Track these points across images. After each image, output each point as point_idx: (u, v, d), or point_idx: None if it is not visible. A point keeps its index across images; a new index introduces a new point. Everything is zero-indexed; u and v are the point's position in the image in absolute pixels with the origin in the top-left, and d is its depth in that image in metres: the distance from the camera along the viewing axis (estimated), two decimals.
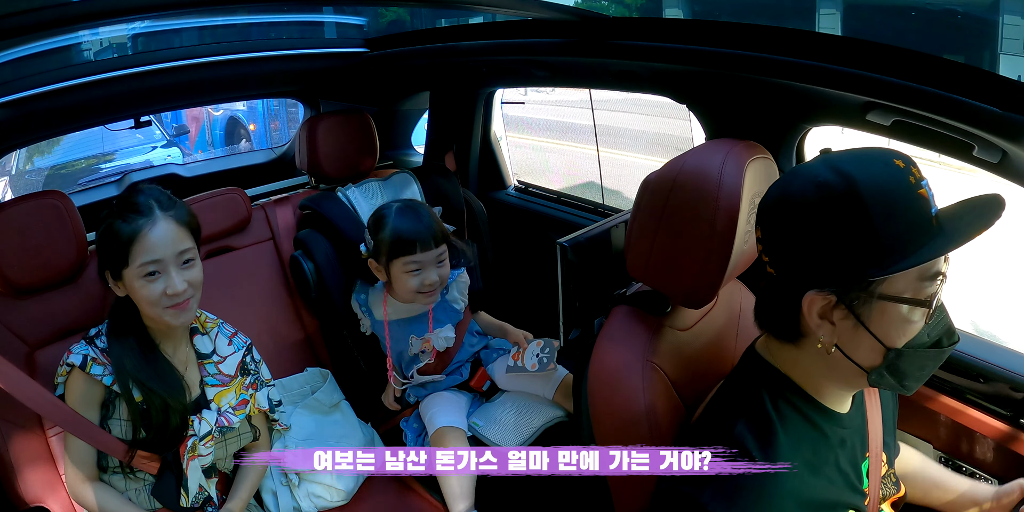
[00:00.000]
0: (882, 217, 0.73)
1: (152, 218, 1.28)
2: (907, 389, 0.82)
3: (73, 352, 1.33)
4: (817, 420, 0.86)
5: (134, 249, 1.26)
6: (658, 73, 1.48)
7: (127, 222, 1.27)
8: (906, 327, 0.78)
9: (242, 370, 1.50)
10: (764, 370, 0.89)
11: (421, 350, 1.72)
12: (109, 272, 1.31)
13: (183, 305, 1.31)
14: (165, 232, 1.28)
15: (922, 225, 0.75)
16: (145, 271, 1.27)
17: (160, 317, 1.31)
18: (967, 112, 0.97)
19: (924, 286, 0.76)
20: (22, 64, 1.61)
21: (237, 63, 1.89)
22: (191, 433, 1.36)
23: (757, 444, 0.81)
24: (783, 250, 0.80)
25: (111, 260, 1.29)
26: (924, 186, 0.76)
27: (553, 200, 2.25)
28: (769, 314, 0.87)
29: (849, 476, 0.88)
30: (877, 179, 0.74)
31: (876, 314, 0.77)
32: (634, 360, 0.99)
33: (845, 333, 0.79)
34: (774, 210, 0.81)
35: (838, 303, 0.77)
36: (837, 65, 1.11)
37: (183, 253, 1.30)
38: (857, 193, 0.73)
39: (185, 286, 1.29)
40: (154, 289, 1.27)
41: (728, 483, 0.80)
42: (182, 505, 1.37)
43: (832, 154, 0.80)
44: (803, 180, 0.78)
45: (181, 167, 2.26)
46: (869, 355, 0.79)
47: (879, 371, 0.80)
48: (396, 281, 1.64)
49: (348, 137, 1.99)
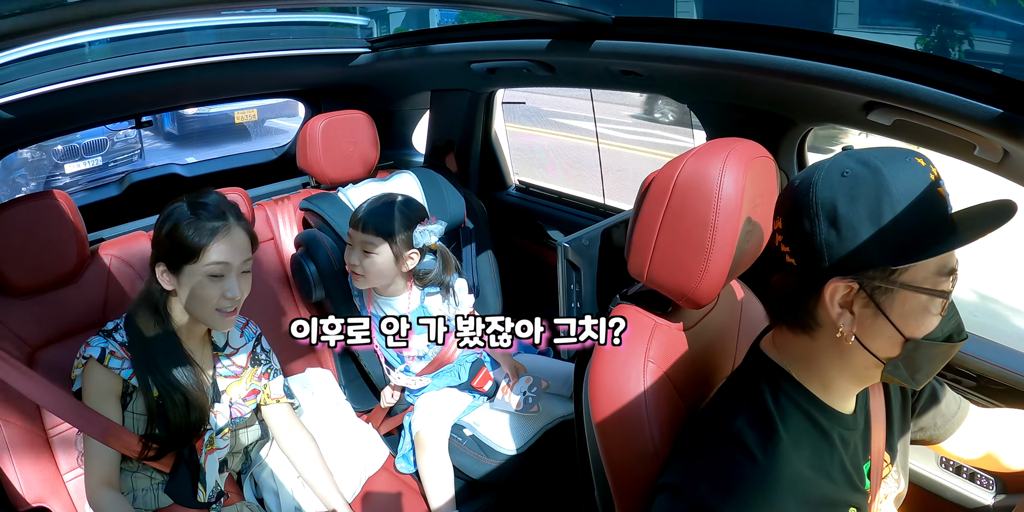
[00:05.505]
0: (907, 207, 0.75)
1: (228, 223, 1.32)
2: (916, 382, 0.83)
3: (91, 345, 1.34)
4: (819, 418, 0.86)
5: (211, 247, 1.29)
6: (660, 73, 1.48)
7: (205, 221, 1.30)
8: (925, 318, 0.79)
9: (253, 361, 1.51)
10: (767, 367, 0.89)
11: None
12: (165, 263, 1.32)
13: (232, 313, 1.34)
14: (240, 239, 1.33)
15: (942, 220, 0.77)
16: (212, 271, 1.30)
17: (206, 319, 1.34)
18: (968, 112, 0.97)
19: (941, 280, 0.78)
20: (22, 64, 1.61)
21: (239, 64, 1.89)
22: (208, 427, 1.37)
23: (757, 440, 0.81)
24: (806, 239, 0.80)
25: (177, 253, 1.30)
26: (942, 185, 0.78)
27: (554, 200, 2.25)
28: (785, 305, 0.87)
29: (851, 476, 0.87)
30: (903, 173, 0.76)
31: (897, 304, 0.78)
32: (635, 360, 0.98)
33: (865, 322, 0.80)
34: (798, 199, 0.81)
35: (859, 291, 0.78)
36: (838, 65, 1.11)
37: (246, 262, 1.34)
38: (885, 183, 0.75)
39: (241, 294, 1.33)
40: (214, 290, 1.31)
41: (726, 478, 0.80)
42: (199, 500, 1.37)
43: (856, 149, 0.82)
44: (829, 171, 0.79)
45: (182, 167, 2.26)
46: (887, 345, 0.80)
47: (895, 362, 0.81)
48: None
49: (349, 137, 1.99)
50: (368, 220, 1.65)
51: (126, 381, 1.33)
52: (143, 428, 1.35)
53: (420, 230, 1.66)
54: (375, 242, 1.64)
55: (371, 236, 1.64)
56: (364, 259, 1.65)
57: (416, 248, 1.67)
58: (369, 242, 1.64)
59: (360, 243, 1.65)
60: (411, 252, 1.67)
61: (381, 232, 1.64)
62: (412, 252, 1.67)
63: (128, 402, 1.35)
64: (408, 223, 1.66)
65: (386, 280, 1.70)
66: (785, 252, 0.83)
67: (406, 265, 1.69)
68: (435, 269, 1.75)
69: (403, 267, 1.69)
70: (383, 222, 1.64)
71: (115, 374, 1.33)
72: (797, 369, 0.87)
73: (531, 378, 1.70)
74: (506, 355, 1.78)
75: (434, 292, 1.77)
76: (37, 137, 1.88)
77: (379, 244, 1.64)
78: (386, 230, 1.64)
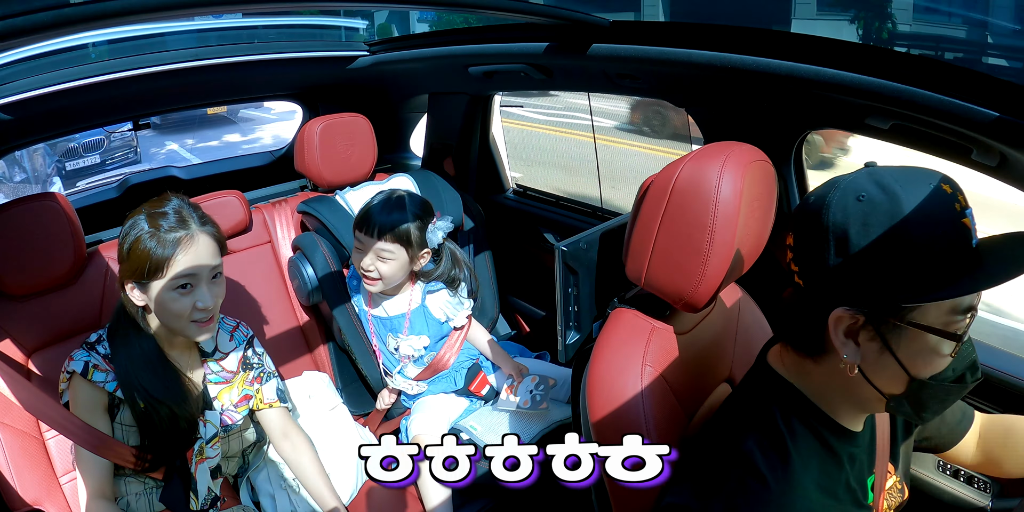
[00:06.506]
0: (923, 242, 0.69)
1: (191, 232, 1.27)
2: (923, 420, 0.79)
3: (74, 359, 1.32)
4: (829, 438, 0.83)
5: (173, 262, 1.25)
6: (657, 77, 1.48)
7: (165, 233, 1.25)
8: (934, 359, 0.75)
9: (244, 365, 1.49)
10: (777, 384, 0.86)
11: (395, 347, 1.74)
12: (132, 281, 1.28)
13: (208, 322, 1.31)
14: (204, 247, 1.28)
15: (962, 256, 0.71)
16: (178, 284, 1.26)
17: (183, 331, 1.31)
18: (965, 116, 0.97)
19: (955, 319, 0.73)
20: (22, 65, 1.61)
21: (237, 66, 1.89)
22: (198, 436, 1.36)
23: (767, 462, 0.79)
24: (814, 262, 0.76)
25: (142, 270, 1.25)
26: (968, 215, 0.72)
27: (551, 203, 2.25)
28: (792, 326, 0.84)
29: (856, 493, 0.86)
30: (922, 202, 0.70)
31: (905, 341, 0.74)
32: (632, 364, 0.98)
33: (870, 356, 0.76)
34: (809, 219, 0.76)
35: (866, 324, 0.74)
36: (836, 69, 1.11)
37: (215, 269, 1.30)
38: (902, 211, 0.70)
39: (214, 302, 1.29)
40: (185, 303, 1.27)
41: (738, 502, 0.78)
42: (192, 508, 1.36)
43: (877, 169, 0.76)
44: (844, 192, 0.74)
45: (179, 169, 2.26)
46: (891, 382, 0.76)
47: (898, 399, 0.77)
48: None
49: (346, 140, 1.99)
50: (384, 226, 1.61)
51: (111, 394, 1.32)
52: (133, 439, 1.33)
53: (431, 230, 1.66)
54: (391, 249, 1.62)
55: (388, 243, 1.62)
56: (380, 264, 1.63)
57: (430, 248, 1.68)
58: (386, 249, 1.62)
59: (375, 250, 1.62)
60: (424, 251, 1.68)
61: (399, 239, 1.62)
62: (425, 252, 1.68)
63: (116, 414, 1.34)
64: (421, 225, 1.65)
65: (400, 281, 1.70)
66: (795, 272, 0.80)
67: (419, 264, 1.69)
68: (441, 267, 1.76)
69: (416, 266, 1.70)
70: (399, 228, 1.62)
71: (100, 388, 1.31)
72: (806, 388, 0.84)
73: (537, 377, 1.69)
74: (506, 357, 1.78)
75: (436, 289, 1.77)
76: (36, 138, 1.88)
77: (396, 250, 1.63)
78: (403, 235, 1.63)
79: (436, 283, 1.77)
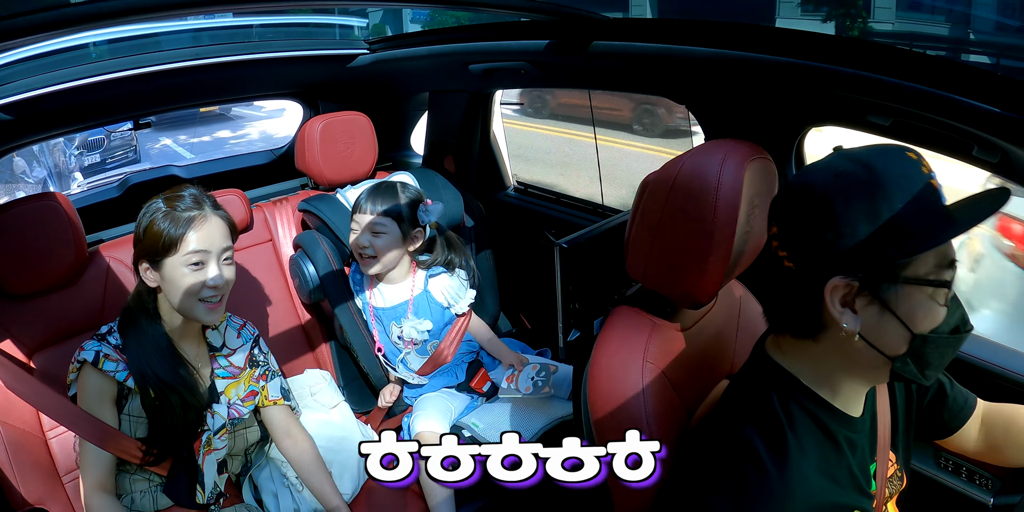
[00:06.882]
0: (903, 202, 0.75)
1: (204, 212, 1.33)
2: (927, 378, 0.82)
3: (85, 349, 1.34)
4: (828, 423, 0.85)
5: (187, 237, 1.30)
6: (658, 74, 1.48)
7: (180, 213, 1.31)
8: (932, 309, 0.79)
9: (251, 362, 1.51)
10: (773, 371, 0.88)
11: (399, 336, 1.75)
12: (147, 260, 1.33)
13: (217, 304, 1.34)
14: (217, 226, 1.34)
15: (937, 211, 0.77)
16: (191, 260, 1.30)
17: (191, 311, 1.34)
18: (966, 112, 0.97)
19: (943, 272, 0.78)
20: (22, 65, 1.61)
21: (238, 65, 1.90)
22: (205, 428, 1.37)
23: (767, 448, 0.81)
24: (804, 240, 0.80)
25: (156, 247, 1.30)
26: (934, 177, 0.78)
27: (552, 201, 2.25)
28: (786, 310, 0.87)
29: (858, 479, 0.87)
30: (895, 168, 0.77)
31: (902, 299, 0.78)
32: (633, 360, 0.98)
33: (869, 320, 0.79)
34: (794, 202, 0.81)
35: (861, 290, 0.78)
36: (837, 66, 1.11)
37: (226, 250, 1.35)
38: (879, 179, 0.76)
39: (224, 280, 1.33)
40: (196, 279, 1.31)
41: (738, 489, 0.80)
42: (198, 501, 1.37)
43: (847, 149, 0.82)
44: (822, 172, 0.80)
45: (180, 168, 2.26)
46: (894, 342, 0.80)
47: (903, 358, 0.80)
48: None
49: (347, 138, 1.99)
50: (375, 203, 1.70)
51: (121, 384, 1.33)
52: (141, 430, 1.34)
53: (423, 208, 1.73)
54: (384, 222, 1.69)
55: (379, 217, 1.69)
56: (375, 240, 1.69)
57: (421, 225, 1.74)
58: (378, 223, 1.69)
59: (369, 225, 1.69)
60: (417, 230, 1.74)
61: (389, 212, 1.70)
62: (417, 230, 1.74)
63: (124, 405, 1.35)
64: (411, 202, 1.73)
65: (396, 260, 1.74)
66: (783, 256, 0.83)
67: (413, 244, 1.74)
68: (436, 252, 1.80)
69: (410, 246, 1.74)
70: (389, 203, 1.70)
71: (110, 377, 1.32)
72: (804, 373, 0.86)
73: (537, 365, 1.71)
74: (506, 348, 1.81)
75: (437, 273, 1.80)
76: (37, 138, 1.88)
77: (388, 223, 1.70)
78: (394, 209, 1.70)
79: (437, 268, 1.81)
